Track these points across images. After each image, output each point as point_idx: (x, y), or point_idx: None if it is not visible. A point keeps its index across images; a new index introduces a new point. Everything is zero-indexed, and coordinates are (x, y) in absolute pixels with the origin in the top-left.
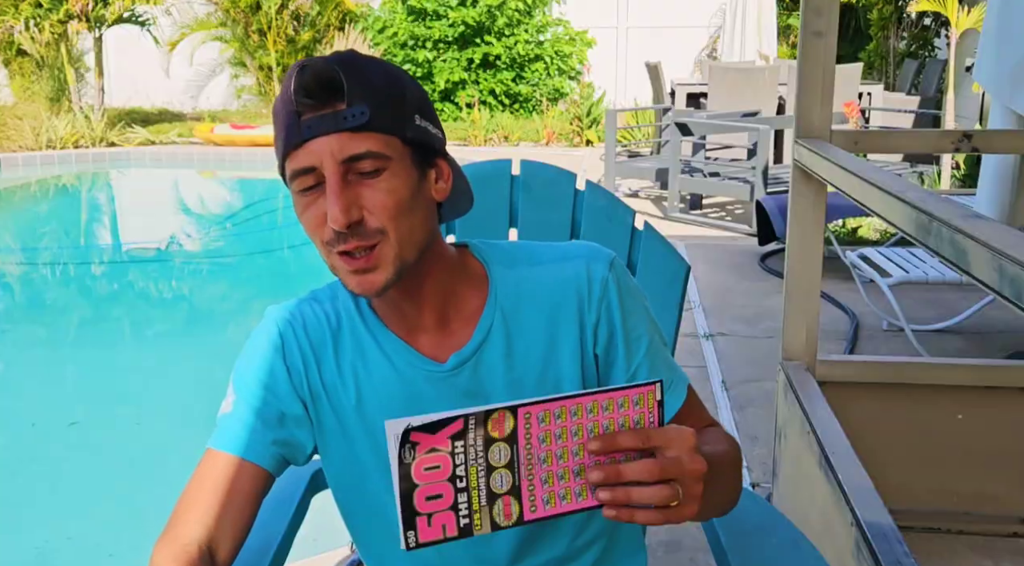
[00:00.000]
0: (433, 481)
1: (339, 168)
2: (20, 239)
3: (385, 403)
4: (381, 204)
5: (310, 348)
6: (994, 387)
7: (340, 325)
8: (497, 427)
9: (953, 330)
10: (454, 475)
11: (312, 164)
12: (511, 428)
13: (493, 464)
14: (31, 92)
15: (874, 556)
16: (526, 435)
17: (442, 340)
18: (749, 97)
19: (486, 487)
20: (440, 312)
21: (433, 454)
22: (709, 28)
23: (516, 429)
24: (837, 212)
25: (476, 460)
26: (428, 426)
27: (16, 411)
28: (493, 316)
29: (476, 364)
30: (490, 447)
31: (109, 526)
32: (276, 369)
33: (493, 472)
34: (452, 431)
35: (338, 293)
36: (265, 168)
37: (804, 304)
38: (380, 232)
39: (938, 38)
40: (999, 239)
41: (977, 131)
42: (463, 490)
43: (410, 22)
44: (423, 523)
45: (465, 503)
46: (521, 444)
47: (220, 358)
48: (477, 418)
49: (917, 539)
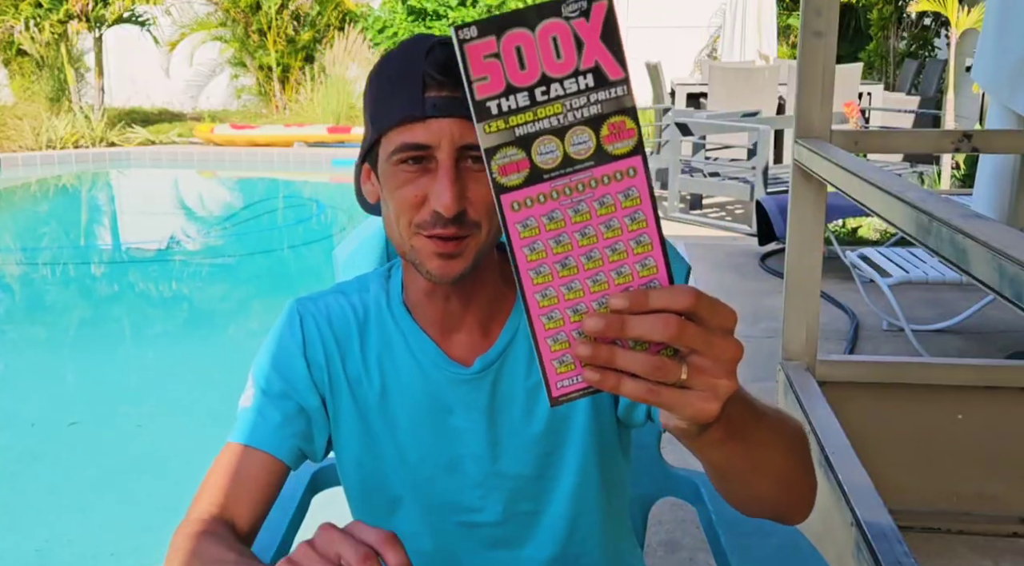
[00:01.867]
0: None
1: (455, 153)
2: (20, 239)
3: (408, 401)
4: (483, 198)
5: (334, 341)
6: (994, 387)
7: (367, 317)
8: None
9: (953, 330)
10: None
11: (429, 142)
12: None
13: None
14: (31, 92)
15: (874, 556)
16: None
17: (475, 342)
18: (749, 97)
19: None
20: (484, 312)
21: None
22: (709, 28)
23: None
24: (837, 212)
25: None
26: None
27: (16, 411)
28: (520, 320)
29: (500, 367)
30: None
31: (109, 526)
32: (296, 363)
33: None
34: None
35: (369, 286)
36: (265, 168)
37: (804, 304)
38: (476, 225)
39: (938, 38)
40: (999, 239)
41: (977, 131)
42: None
43: (410, 22)
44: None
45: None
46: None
47: (220, 358)
48: None
49: (917, 539)
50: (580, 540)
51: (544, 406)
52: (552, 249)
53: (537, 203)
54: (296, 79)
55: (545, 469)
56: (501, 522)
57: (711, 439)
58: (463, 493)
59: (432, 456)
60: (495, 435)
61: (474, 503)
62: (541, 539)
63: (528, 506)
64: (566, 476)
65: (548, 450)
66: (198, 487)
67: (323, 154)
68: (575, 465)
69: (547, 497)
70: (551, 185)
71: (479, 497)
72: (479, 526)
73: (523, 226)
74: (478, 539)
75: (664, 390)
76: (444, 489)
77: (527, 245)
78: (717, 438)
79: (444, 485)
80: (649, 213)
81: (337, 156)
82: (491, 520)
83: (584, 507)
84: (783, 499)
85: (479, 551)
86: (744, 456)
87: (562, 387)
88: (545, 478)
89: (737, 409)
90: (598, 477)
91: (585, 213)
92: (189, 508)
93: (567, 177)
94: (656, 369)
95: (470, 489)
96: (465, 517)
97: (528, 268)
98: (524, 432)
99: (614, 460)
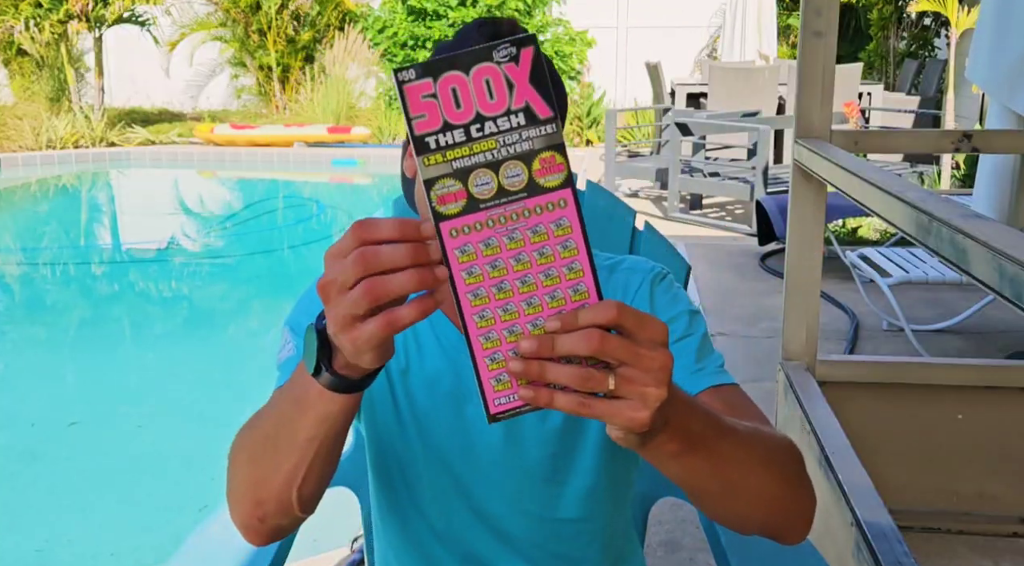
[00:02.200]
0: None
1: None
2: (20, 239)
3: (429, 383)
4: None
5: None
6: (994, 387)
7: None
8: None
9: (953, 330)
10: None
11: None
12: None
13: None
14: (31, 92)
15: (874, 556)
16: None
17: None
18: (749, 97)
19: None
20: None
21: None
22: (709, 28)
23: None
24: (837, 212)
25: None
26: None
27: (16, 411)
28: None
29: None
30: None
31: (109, 526)
32: None
33: None
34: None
35: None
36: (265, 168)
37: (804, 304)
38: None
39: (938, 38)
40: (999, 239)
41: (977, 131)
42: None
43: (410, 22)
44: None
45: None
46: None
47: (220, 358)
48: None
49: (917, 539)
50: (585, 543)
51: None
52: (488, 273)
53: (474, 230)
54: (296, 79)
55: (559, 465)
56: (507, 515)
57: (666, 451)
58: (474, 482)
59: (447, 440)
60: (511, 425)
61: (484, 493)
62: (545, 535)
63: (534, 507)
64: (579, 475)
65: (564, 448)
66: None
67: (323, 154)
68: (589, 463)
69: (556, 501)
70: (487, 214)
71: (489, 487)
72: (488, 517)
73: (461, 251)
74: (486, 528)
75: (595, 402)
76: (457, 475)
77: (465, 269)
78: (672, 450)
79: (457, 471)
80: (580, 242)
81: (337, 156)
82: (498, 512)
83: (596, 510)
84: (767, 519)
85: (486, 540)
86: (711, 474)
87: (499, 404)
88: (558, 475)
89: (695, 422)
90: (611, 475)
91: (519, 240)
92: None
93: (502, 207)
94: (584, 380)
95: (481, 478)
96: (475, 505)
97: (466, 291)
98: (541, 426)
99: (626, 456)
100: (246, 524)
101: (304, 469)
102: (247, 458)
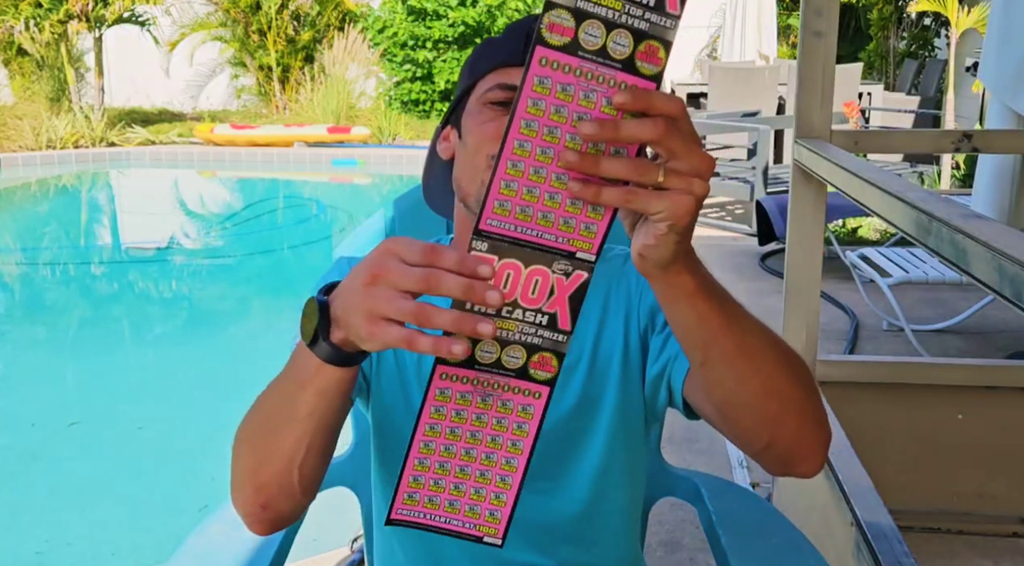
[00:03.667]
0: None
1: None
2: (20, 239)
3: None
4: None
5: None
6: (994, 387)
7: None
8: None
9: (953, 330)
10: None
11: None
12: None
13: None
14: (31, 92)
15: (874, 556)
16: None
17: None
18: (749, 97)
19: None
20: None
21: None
22: (709, 28)
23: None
24: (837, 212)
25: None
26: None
27: (16, 411)
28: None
29: None
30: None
31: (109, 526)
32: None
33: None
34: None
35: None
36: (265, 168)
37: (804, 304)
38: None
39: (938, 38)
40: (999, 239)
41: (977, 131)
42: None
43: (410, 22)
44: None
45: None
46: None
47: (220, 358)
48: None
49: (917, 539)
50: (595, 529)
51: (577, 381)
52: (550, 113)
53: (561, 70)
54: (296, 79)
55: (568, 448)
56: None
57: (682, 286)
58: None
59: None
60: None
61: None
62: (554, 521)
63: (543, 490)
64: (589, 458)
65: (574, 430)
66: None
67: (323, 154)
68: (600, 447)
69: (566, 484)
70: (580, 62)
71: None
72: None
73: (539, 82)
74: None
75: (642, 191)
76: None
77: (532, 99)
78: (688, 286)
79: None
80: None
81: (337, 156)
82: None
83: (605, 494)
84: (781, 419)
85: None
86: (726, 328)
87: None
88: (568, 458)
89: (708, 274)
90: (620, 458)
91: (592, 102)
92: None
93: (595, 65)
94: (636, 169)
95: None
96: None
97: (521, 118)
98: (554, 406)
99: (636, 436)
100: (249, 512)
101: (304, 446)
102: (248, 445)
